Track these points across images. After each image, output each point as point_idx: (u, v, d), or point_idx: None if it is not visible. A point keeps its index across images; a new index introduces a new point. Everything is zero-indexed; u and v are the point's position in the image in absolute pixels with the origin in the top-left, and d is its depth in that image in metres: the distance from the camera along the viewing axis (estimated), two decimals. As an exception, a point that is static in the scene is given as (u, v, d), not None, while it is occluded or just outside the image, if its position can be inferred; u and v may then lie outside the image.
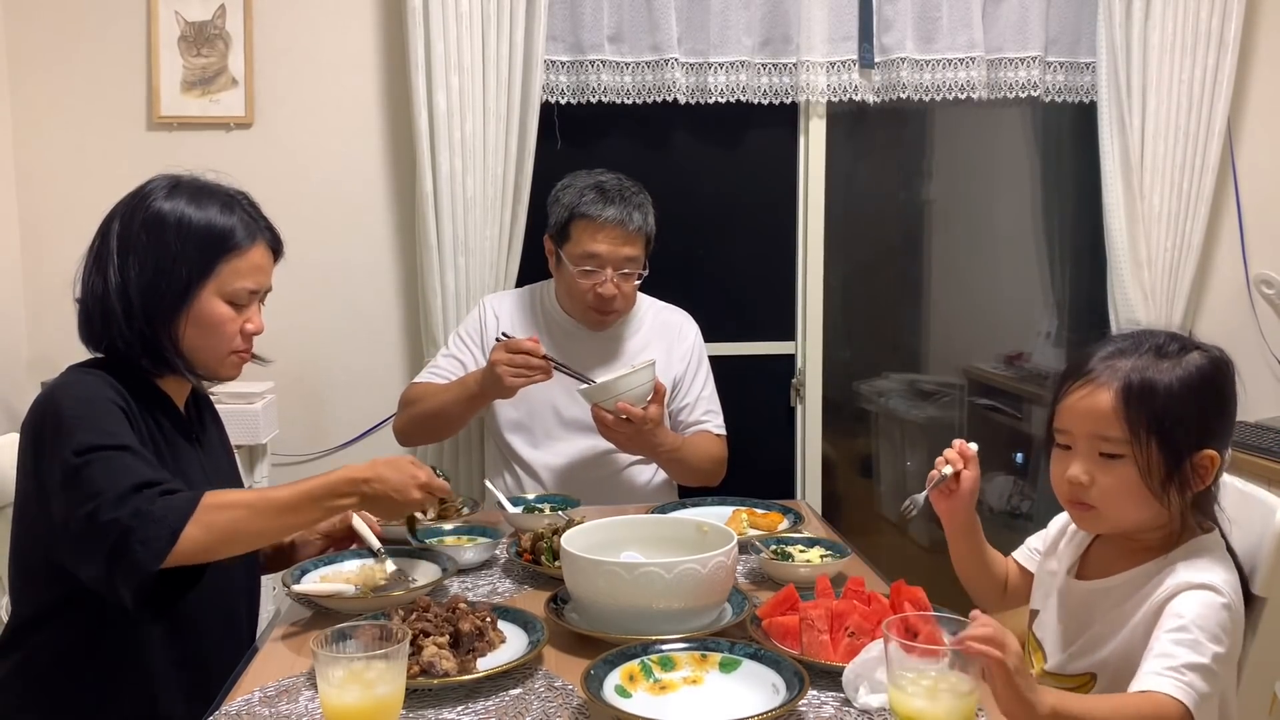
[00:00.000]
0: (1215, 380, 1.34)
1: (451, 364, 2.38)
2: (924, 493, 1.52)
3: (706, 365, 2.48)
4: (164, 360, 1.58)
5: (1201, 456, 1.32)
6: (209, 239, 1.58)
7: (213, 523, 1.39)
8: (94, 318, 1.57)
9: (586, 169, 2.37)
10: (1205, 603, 1.27)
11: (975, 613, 1.15)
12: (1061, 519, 1.54)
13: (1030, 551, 1.61)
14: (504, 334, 2.26)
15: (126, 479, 1.39)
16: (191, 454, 1.64)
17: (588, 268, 2.25)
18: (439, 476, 1.56)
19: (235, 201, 1.63)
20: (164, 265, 1.55)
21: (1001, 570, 1.61)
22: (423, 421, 2.32)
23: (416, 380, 2.41)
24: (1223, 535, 1.39)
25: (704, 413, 2.43)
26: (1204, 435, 1.33)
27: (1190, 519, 1.38)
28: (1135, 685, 1.23)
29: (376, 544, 1.70)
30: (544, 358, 2.11)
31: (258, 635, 1.67)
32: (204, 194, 1.61)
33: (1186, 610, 1.27)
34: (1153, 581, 1.33)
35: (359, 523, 1.73)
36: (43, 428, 1.48)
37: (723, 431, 2.44)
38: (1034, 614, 1.52)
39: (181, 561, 1.37)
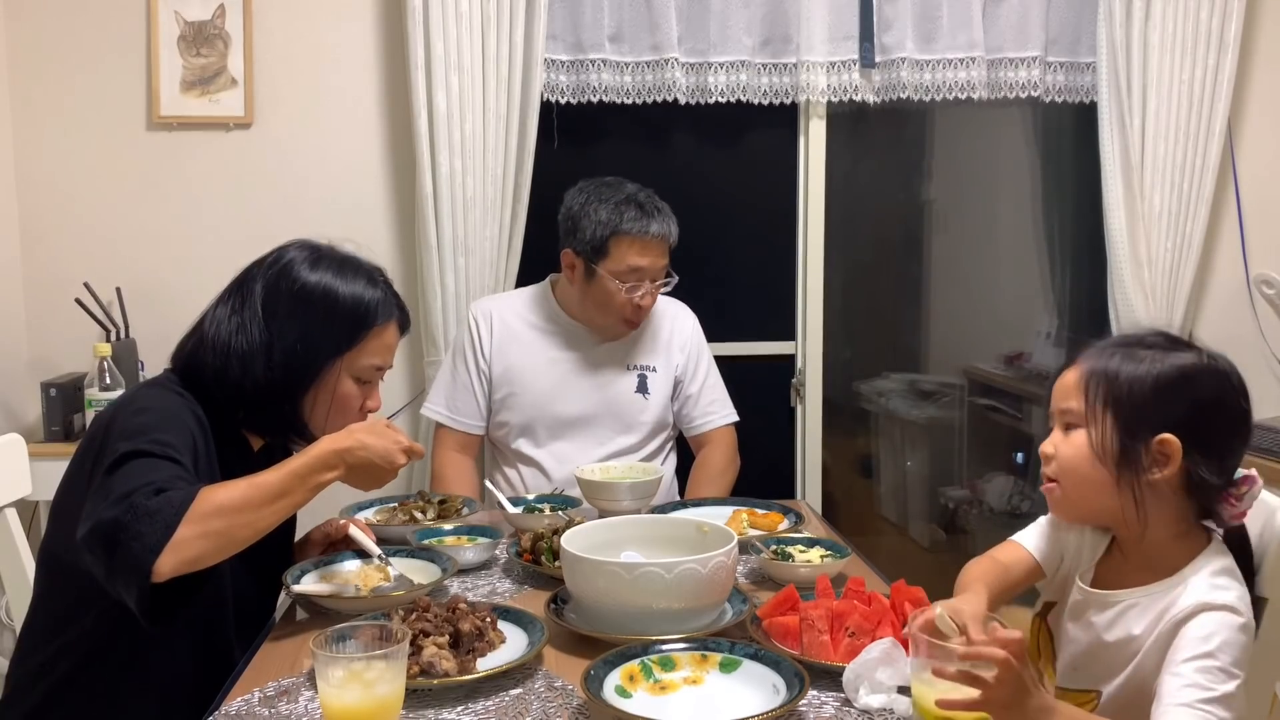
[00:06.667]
0: (1196, 381, 1.31)
1: (466, 399, 2.40)
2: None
3: (708, 353, 2.49)
4: (274, 424, 1.59)
5: (1160, 441, 1.30)
6: (355, 315, 1.59)
7: (208, 526, 1.32)
8: (215, 362, 1.54)
9: (593, 175, 2.35)
10: (1228, 625, 1.23)
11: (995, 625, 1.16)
12: None
13: (1041, 528, 1.50)
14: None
15: (143, 480, 1.34)
16: None
17: (632, 282, 2.26)
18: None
19: (376, 278, 1.65)
20: (309, 338, 1.56)
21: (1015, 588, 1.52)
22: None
23: (436, 416, 2.42)
24: (1240, 538, 1.37)
25: (709, 403, 2.43)
26: (1168, 424, 1.29)
27: (1192, 528, 1.36)
28: (1157, 714, 1.18)
29: (376, 550, 1.69)
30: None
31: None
32: (348, 267, 1.62)
33: (1210, 635, 1.23)
34: (1169, 598, 1.29)
35: (356, 532, 1.72)
36: (111, 424, 1.46)
37: (729, 420, 2.45)
38: (1048, 605, 1.48)
39: (184, 568, 1.31)
